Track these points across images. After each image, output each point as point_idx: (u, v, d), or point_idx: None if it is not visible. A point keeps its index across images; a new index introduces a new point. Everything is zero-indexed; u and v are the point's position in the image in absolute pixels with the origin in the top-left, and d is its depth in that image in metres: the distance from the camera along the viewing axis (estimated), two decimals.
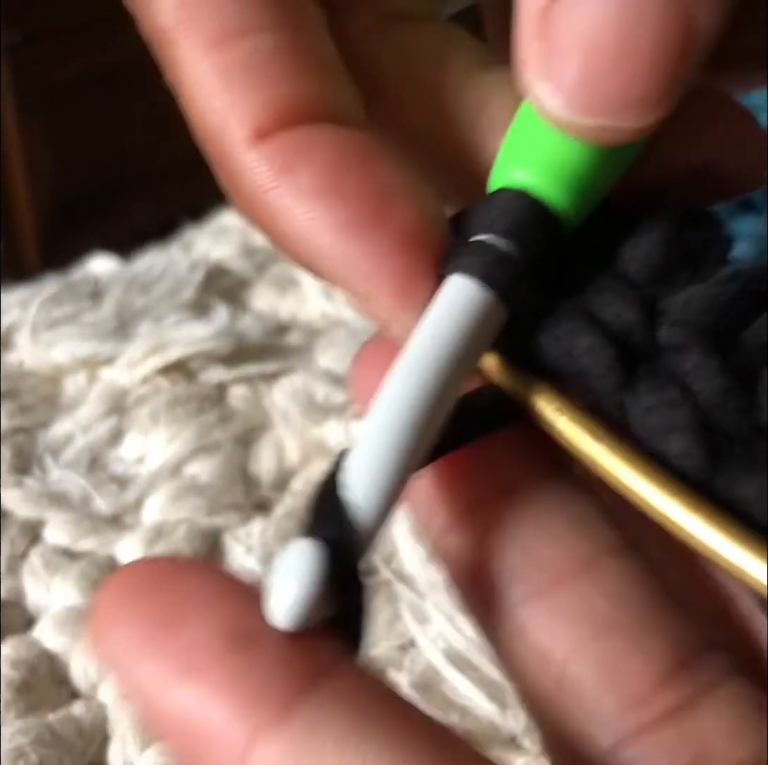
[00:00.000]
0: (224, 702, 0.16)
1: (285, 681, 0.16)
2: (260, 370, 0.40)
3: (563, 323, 0.18)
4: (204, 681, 0.16)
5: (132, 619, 0.17)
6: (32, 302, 0.42)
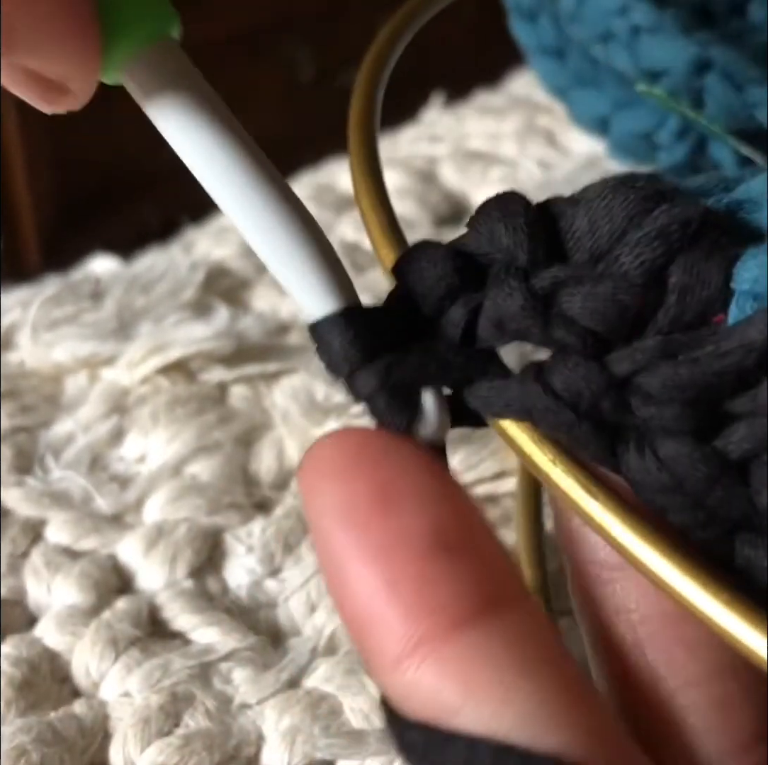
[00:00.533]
0: (407, 599, 0.16)
1: (465, 601, 0.17)
2: (261, 370, 0.40)
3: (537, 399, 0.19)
4: (398, 572, 0.17)
5: (348, 483, 0.17)
6: (33, 302, 0.42)
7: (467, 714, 0.16)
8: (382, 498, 0.17)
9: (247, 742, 0.29)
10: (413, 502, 0.17)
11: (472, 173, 0.52)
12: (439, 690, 0.16)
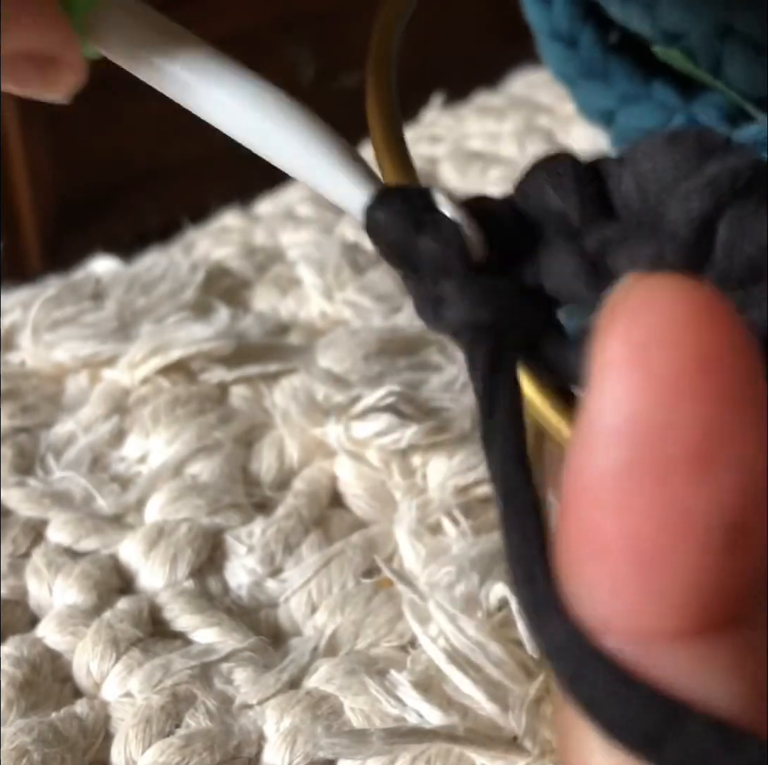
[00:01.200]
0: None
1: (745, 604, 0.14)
2: (261, 371, 0.40)
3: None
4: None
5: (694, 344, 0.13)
6: (33, 303, 0.42)
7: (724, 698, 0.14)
8: (694, 388, 0.13)
9: (248, 743, 0.29)
10: (739, 428, 0.13)
11: (472, 173, 0.52)
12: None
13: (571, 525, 0.15)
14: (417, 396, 0.37)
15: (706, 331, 0.13)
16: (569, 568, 0.15)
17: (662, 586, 0.14)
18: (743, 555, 0.14)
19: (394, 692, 0.30)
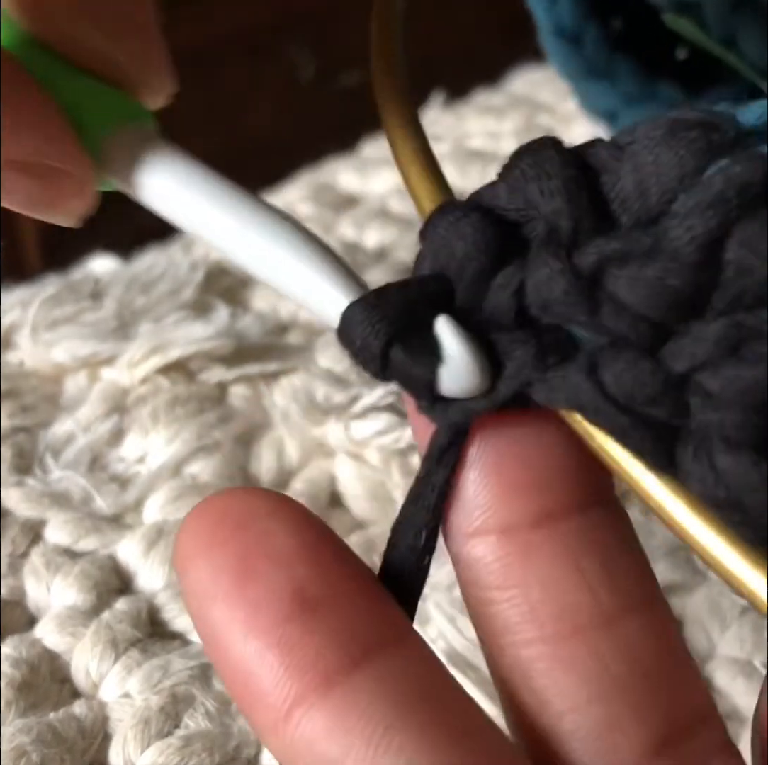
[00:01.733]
0: (275, 664, 0.17)
1: (334, 656, 0.17)
2: (260, 370, 0.40)
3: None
4: (263, 640, 0.17)
5: (209, 560, 0.17)
6: (33, 302, 0.42)
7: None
8: (242, 567, 0.17)
9: (247, 744, 0.29)
10: (272, 565, 0.17)
11: (472, 172, 0.52)
12: (319, 746, 0.17)
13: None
14: None
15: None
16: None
17: (273, 662, 0.17)
18: (314, 613, 0.17)
19: None
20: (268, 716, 0.17)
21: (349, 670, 0.17)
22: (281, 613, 0.17)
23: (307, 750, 0.17)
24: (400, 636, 0.18)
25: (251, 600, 0.17)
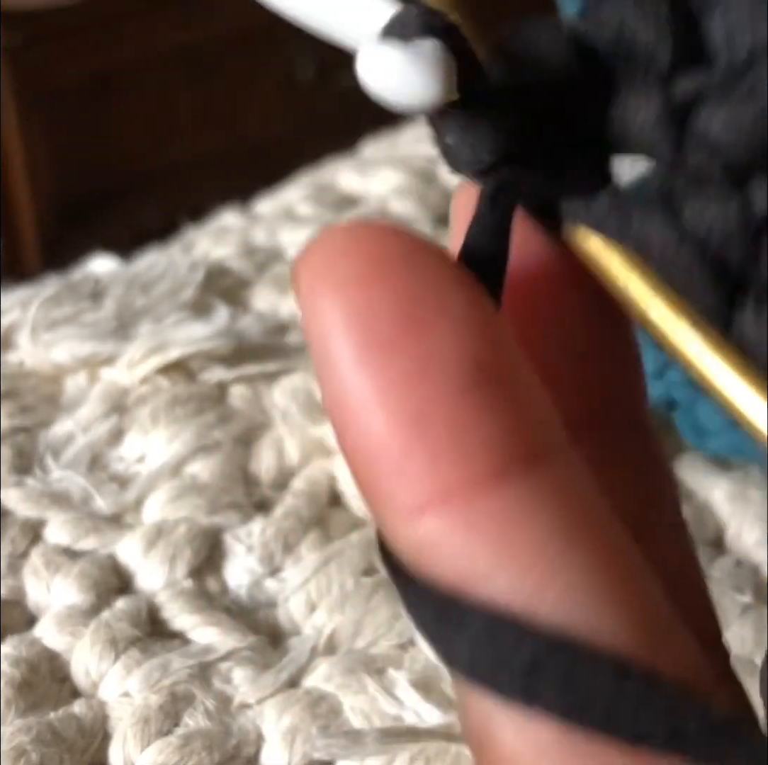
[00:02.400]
0: (427, 443, 0.14)
1: (503, 449, 0.14)
2: (260, 370, 0.40)
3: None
4: (420, 409, 0.14)
5: (368, 294, 0.14)
6: (32, 302, 0.42)
7: (499, 584, 0.14)
8: (410, 314, 0.14)
9: (246, 742, 0.29)
10: (448, 323, 0.14)
11: None
12: (466, 549, 0.14)
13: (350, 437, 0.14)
14: None
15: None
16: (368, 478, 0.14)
17: (437, 441, 0.14)
18: (492, 391, 0.14)
19: (392, 691, 0.30)
20: (409, 498, 0.14)
21: (516, 471, 0.14)
22: (453, 381, 0.14)
23: (448, 550, 0.14)
24: (564, 445, 0.14)
25: (419, 354, 0.14)
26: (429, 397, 0.14)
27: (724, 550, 0.35)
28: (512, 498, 0.14)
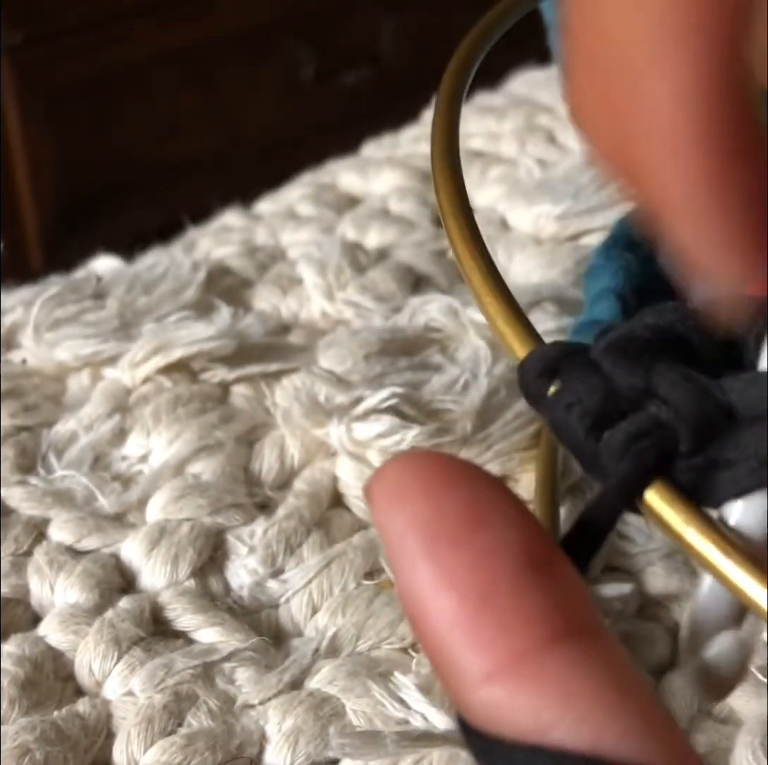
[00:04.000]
0: (494, 615, 0.16)
1: (559, 617, 0.16)
2: (262, 370, 0.40)
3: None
4: (487, 586, 0.16)
5: (436, 501, 0.17)
6: (35, 302, 0.42)
7: (565, 731, 0.16)
8: (472, 513, 0.16)
9: (249, 742, 0.29)
10: (503, 521, 0.17)
11: (472, 172, 0.53)
12: (536, 705, 0.16)
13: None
14: (418, 397, 0.37)
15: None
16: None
17: (503, 612, 0.16)
18: (542, 573, 0.17)
19: (397, 695, 0.30)
20: (481, 666, 0.16)
21: (571, 636, 0.16)
22: (512, 562, 0.16)
23: (519, 708, 0.16)
24: (601, 623, 0.17)
25: (482, 544, 0.16)
26: (491, 578, 0.16)
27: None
28: (568, 659, 0.16)
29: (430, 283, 0.46)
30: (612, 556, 0.34)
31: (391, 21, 1.24)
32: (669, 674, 0.32)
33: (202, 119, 1.20)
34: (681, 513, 0.18)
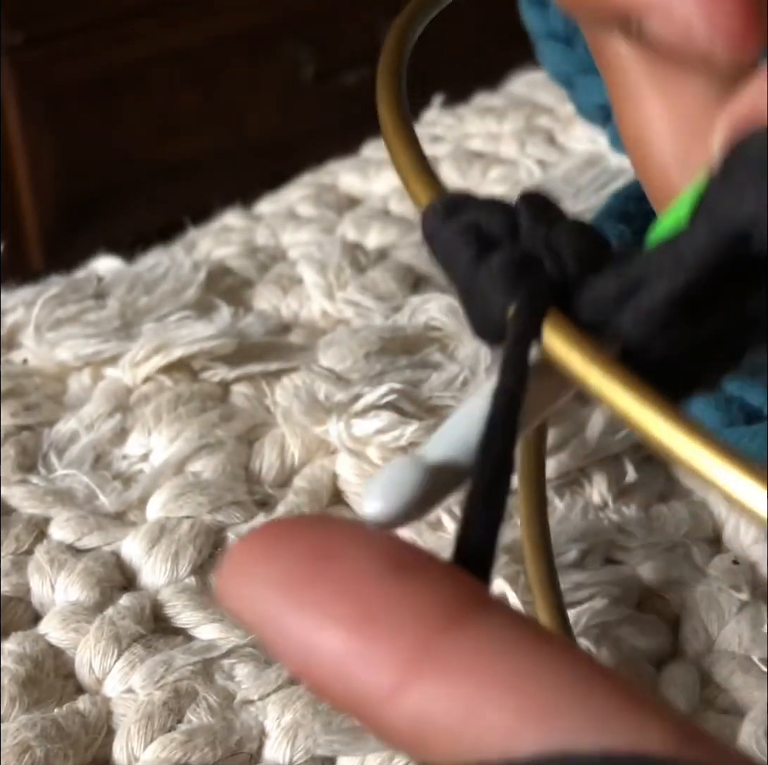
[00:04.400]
0: (378, 631, 0.15)
1: (443, 609, 0.15)
2: (262, 369, 0.40)
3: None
4: (362, 609, 0.15)
5: (280, 554, 0.16)
6: (36, 302, 0.42)
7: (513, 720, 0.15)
8: (322, 551, 0.16)
9: (249, 738, 0.30)
10: (353, 541, 0.16)
11: (472, 173, 0.53)
12: (463, 694, 0.15)
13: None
14: (417, 394, 0.37)
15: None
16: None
17: (381, 622, 0.15)
18: (407, 575, 0.16)
19: None
20: (375, 697, 0.15)
21: (462, 620, 0.15)
22: (376, 577, 0.16)
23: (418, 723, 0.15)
24: (495, 601, 0.16)
25: (341, 571, 0.16)
26: (357, 596, 0.15)
27: (722, 549, 0.35)
28: (470, 638, 0.15)
29: (429, 283, 0.46)
30: (611, 550, 0.34)
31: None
32: (669, 665, 0.32)
33: (203, 119, 1.21)
34: (583, 352, 0.18)
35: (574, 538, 0.34)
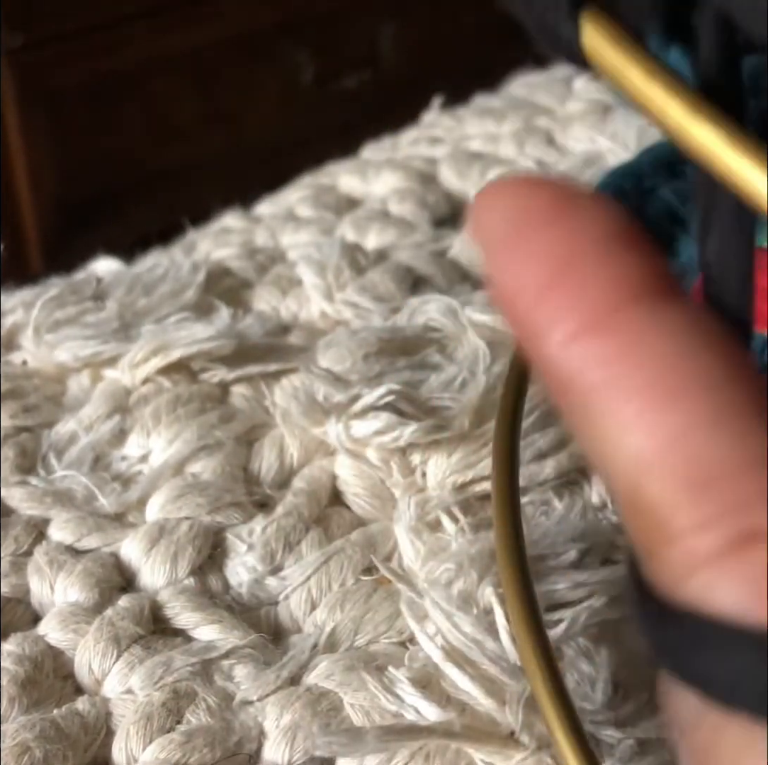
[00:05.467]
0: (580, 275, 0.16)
1: (640, 282, 0.16)
2: (261, 370, 0.40)
3: None
4: (567, 259, 0.16)
5: (522, 196, 0.17)
6: (35, 303, 0.42)
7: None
8: (556, 204, 0.16)
9: (248, 739, 0.30)
10: (584, 207, 0.16)
11: (472, 174, 0.53)
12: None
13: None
14: (416, 395, 0.37)
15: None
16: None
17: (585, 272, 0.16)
18: (621, 245, 0.16)
19: (392, 689, 0.30)
20: (549, 340, 0.16)
21: (655, 300, 0.16)
22: (595, 238, 0.16)
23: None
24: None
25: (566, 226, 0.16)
26: (572, 248, 0.16)
27: None
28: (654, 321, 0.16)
29: (429, 284, 0.46)
30: (610, 550, 0.34)
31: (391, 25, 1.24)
32: None
33: (203, 122, 1.21)
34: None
35: (573, 538, 0.34)
